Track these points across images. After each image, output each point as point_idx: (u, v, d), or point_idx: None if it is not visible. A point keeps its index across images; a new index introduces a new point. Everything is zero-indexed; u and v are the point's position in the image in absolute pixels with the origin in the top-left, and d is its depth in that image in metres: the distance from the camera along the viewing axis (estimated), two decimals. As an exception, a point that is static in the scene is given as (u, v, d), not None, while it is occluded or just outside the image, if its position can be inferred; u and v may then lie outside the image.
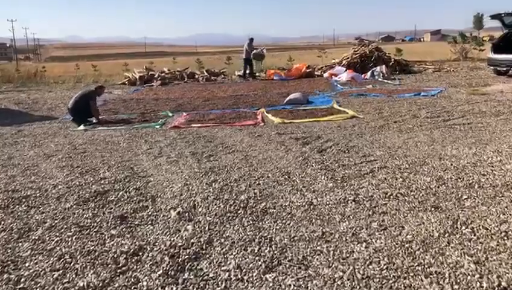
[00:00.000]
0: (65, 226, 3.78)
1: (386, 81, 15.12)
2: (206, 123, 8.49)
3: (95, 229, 3.70)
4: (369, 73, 16.23)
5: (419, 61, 21.58)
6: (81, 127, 8.59)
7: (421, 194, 4.23)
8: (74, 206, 4.26)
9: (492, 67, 14.74)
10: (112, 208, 4.18)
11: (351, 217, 3.76)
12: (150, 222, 3.83)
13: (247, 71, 19.27)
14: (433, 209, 3.87)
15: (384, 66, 16.58)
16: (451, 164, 5.17)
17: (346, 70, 17.12)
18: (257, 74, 19.91)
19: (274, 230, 3.55)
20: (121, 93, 15.94)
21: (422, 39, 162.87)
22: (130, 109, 10.97)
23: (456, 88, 12.51)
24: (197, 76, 20.02)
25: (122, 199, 4.42)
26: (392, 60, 18.36)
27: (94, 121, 9.09)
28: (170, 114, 9.83)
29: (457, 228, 3.47)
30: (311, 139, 6.75)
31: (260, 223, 3.70)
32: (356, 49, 20.03)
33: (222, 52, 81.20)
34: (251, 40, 19.57)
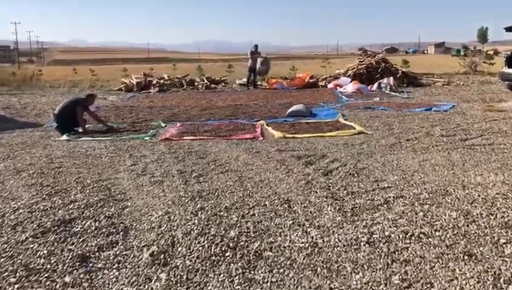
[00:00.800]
0: (10, 268, 3.05)
1: (393, 93, 14.42)
2: (200, 135, 7.77)
3: (46, 274, 2.97)
4: (375, 85, 15.54)
5: (427, 73, 20.89)
6: (64, 136, 7.88)
7: (448, 235, 3.49)
8: (30, 239, 3.53)
9: (506, 82, 14.02)
10: (73, 244, 3.44)
11: (366, 266, 3.01)
12: (116, 266, 3.09)
13: (251, 79, 18.58)
14: (466, 257, 3.12)
15: (391, 78, 15.89)
16: (479, 195, 4.43)
17: (351, 81, 16.43)
18: (258, 83, 19.22)
19: (269, 284, 2.81)
20: (115, 99, 15.27)
21: (426, 51, 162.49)
22: (121, 118, 10.26)
23: (469, 103, 11.79)
24: (196, 83, 19.36)
25: (89, 231, 3.69)
26: (400, 71, 17.67)
27: (80, 130, 8.38)
28: (163, 124, 9.12)
29: (501, 288, 2.73)
30: (315, 158, 6.02)
31: (252, 272, 2.96)
32: (362, 60, 19.38)
33: (225, 59, 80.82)
34: (256, 47, 18.86)
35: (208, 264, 3.08)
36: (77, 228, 3.76)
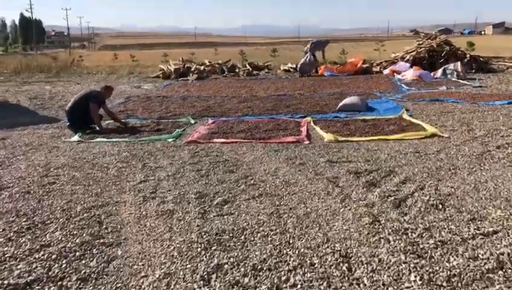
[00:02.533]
0: None
1: (462, 81, 12.47)
2: (233, 137, 6.42)
3: None
4: (440, 71, 13.58)
5: (496, 57, 18.48)
6: (75, 137, 6.75)
7: None
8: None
9: None
10: None
11: None
12: None
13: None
14: None
15: (459, 63, 13.84)
16: None
17: (411, 66, 14.54)
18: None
19: None
20: (150, 88, 14.20)
21: (483, 32, 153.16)
22: (149, 111, 9.07)
23: (561, 94, 9.78)
24: (237, 70, 17.99)
25: (43, 310, 2.43)
26: (468, 55, 15.53)
27: (97, 128, 7.24)
28: (192, 121, 7.83)
29: None
30: (380, 176, 4.53)
31: None
32: (420, 42, 17.32)
33: (270, 43, 79.10)
34: (312, 45, 16.82)
35: None
36: (29, 302, 2.52)
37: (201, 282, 2.67)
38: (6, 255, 3.06)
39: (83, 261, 2.96)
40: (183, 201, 4.01)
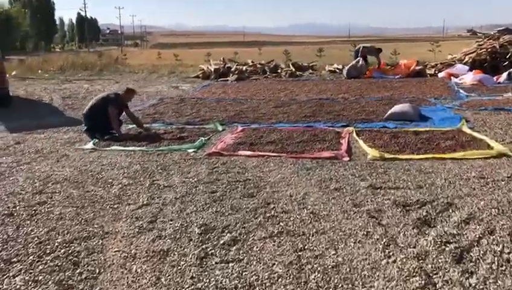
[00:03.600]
0: None
1: (530, 87, 11.02)
2: (260, 150, 5.60)
3: None
4: (504, 75, 12.12)
5: None
6: (90, 144, 6.16)
7: None
8: None
9: None
10: None
11: None
12: None
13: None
14: None
15: (527, 66, 12.34)
16: None
17: (470, 69, 13.16)
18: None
19: None
20: (187, 88, 13.62)
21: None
22: (177, 115, 8.41)
23: None
24: (280, 70, 17.14)
25: None
26: (537, 58, 13.90)
27: (117, 134, 6.64)
28: (220, 128, 7.07)
29: None
30: (435, 211, 3.58)
31: None
32: (481, 43, 15.79)
33: (319, 42, 77.73)
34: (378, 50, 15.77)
35: None
36: None
37: None
38: None
39: (32, 328, 2.25)
40: (184, 237, 3.24)
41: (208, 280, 2.64)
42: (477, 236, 3.11)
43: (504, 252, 2.88)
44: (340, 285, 2.56)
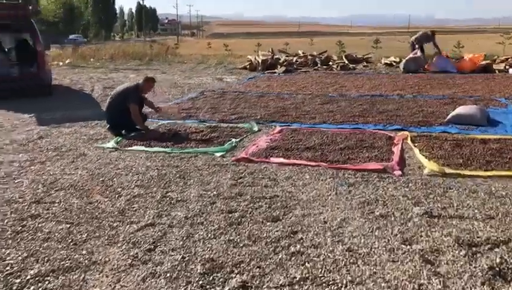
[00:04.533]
0: None
1: None
2: (296, 157, 4.85)
3: None
4: None
5: None
6: (111, 143, 5.64)
7: None
8: None
9: None
10: None
11: None
12: None
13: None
14: None
15: None
16: None
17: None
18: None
19: None
20: (232, 81, 13.01)
21: None
22: (213, 111, 7.78)
23: None
24: (331, 62, 16.16)
25: None
26: None
27: (142, 130, 6.11)
28: (255, 128, 6.37)
29: None
30: (512, 257, 2.71)
31: None
32: (560, 35, 14.07)
33: (377, 33, 75.07)
34: (431, 35, 14.21)
35: None
36: None
37: None
38: None
39: None
40: (182, 277, 2.58)
41: None
42: None
43: None
44: None
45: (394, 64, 15.69)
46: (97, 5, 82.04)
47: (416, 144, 5.26)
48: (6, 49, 10.86)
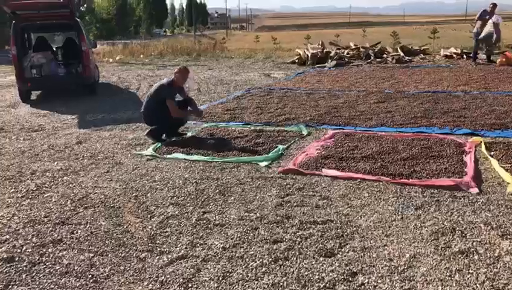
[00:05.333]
0: None
1: None
2: (352, 168, 4.25)
3: None
4: None
5: None
6: (149, 150, 5.26)
7: None
8: None
9: None
10: None
11: None
12: None
13: (479, 51, 13.22)
14: None
15: None
16: None
17: None
18: (492, 57, 13.37)
19: None
20: (280, 76, 12.46)
21: None
22: (259, 112, 7.27)
23: None
24: (386, 55, 15.22)
25: None
26: None
27: (187, 134, 5.72)
28: (305, 131, 5.80)
29: None
30: None
31: None
32: None
33: (432, 22, 71.94)
34: (493, 5, 12.55)
35: None
36: None
37: None
38: None
39: None
40: (213, 336, 2.09)
41: None
42: None
43: None
44: None
45: (455, 56, 14.56)
46: (148, 1, 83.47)
47: (492, 153, 4.52)
48: (54, 48, 10.83)
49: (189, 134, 5.95)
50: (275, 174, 4.28)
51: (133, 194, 3.92)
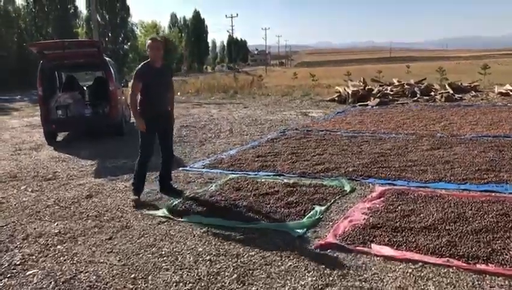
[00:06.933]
0: None
1: None
2: (411, 245, 3.30)
3: None
4: None
5: None
6: (164, 209, 4.49)
7: None
8: None
9: None
10: None
11: None
12: None
13: None
14: None
15: None
16: None
17: None
18: None
19: None
20: (318, 116, 11.66)
21: None
22: (293, 160, 6.42)
23: None
24: (433, 93, 14.16)
25: None
26: None
27: (185, 193, 4.93)
28: (347, 187, 4.89)
29: None
30: None
31: None
32: None
33: (476, 56, 69.91)
34: None
35: None
36: None
37: None
38: None
39: None
40: None
41: None
42: None
43: None
44: None
45: (511, 93, 13.34)
46: (190, 39, 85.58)
47: None
48: (84, 88, 10.51)
49: (212, 187, 5.17)
50: (311, 249, 3.40)
51: (132, 276, 3.13)
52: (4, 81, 32.81)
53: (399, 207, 4.10)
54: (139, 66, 4.79)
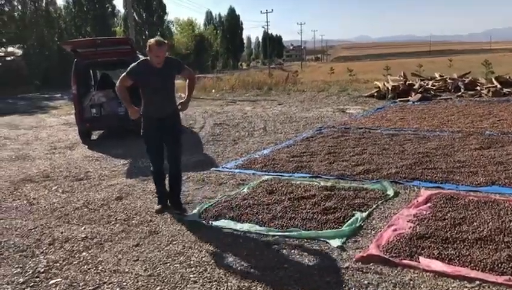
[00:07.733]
0: None
1: None
2: (465, 261, 2.94)
3: None
4: None
5: None
6: (195, 211, 4.27)
7: None
8: None
9: None
10: None
11: None
12: None
13: None
14: None
15: None
16: None
17: None
18: None
19: None
20: (356, 112, 11.22)
21: None
22: (330, 160, 6.09)
23: None
24: (479, 87, 13.40)
25: None
26: None
27: (186, 211, 4.69)
28: (390, 191, 4.53)
29: None
30: None
31: None
32: None
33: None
34: None
35: None
36: None
37: None
38: None
39: None
40: None
41: None
42: None
43: None
44: None
45: None
46: (225, 35, 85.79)
47: None
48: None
49: (244, 189, 4.92)
50: (351, 262, 3.09)
51: (157, 288, 2.92)
52: (46, 80, 33.88)
53: (449, 214, 3.72)
54: (135, 63, 4.39)
